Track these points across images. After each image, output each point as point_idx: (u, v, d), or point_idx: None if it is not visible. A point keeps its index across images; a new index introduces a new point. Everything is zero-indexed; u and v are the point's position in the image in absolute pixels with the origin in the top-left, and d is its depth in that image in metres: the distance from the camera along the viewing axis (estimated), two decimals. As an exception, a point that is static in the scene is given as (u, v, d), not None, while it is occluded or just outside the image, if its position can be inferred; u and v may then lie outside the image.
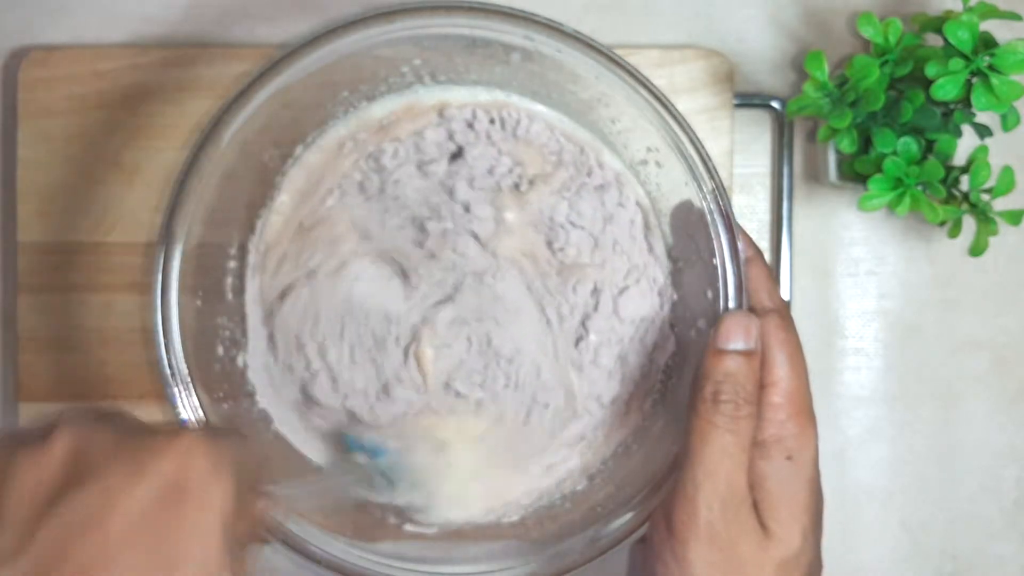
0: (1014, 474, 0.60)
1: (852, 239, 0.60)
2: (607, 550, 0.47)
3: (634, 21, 0.59)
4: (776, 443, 0.44)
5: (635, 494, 0.48)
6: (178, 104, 0.57)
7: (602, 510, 0.50)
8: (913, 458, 0.60)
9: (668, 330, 0.53)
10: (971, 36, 0.49)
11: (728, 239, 0.46)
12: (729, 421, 0.43)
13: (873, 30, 0.52)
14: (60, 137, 0.57)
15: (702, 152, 0.47)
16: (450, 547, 0.52)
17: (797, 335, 0.46)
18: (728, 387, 0.43)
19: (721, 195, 0.47)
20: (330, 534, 0.48)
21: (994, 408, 0.60)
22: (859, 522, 0.60)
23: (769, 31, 0.60)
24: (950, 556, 0.60)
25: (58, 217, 0.57)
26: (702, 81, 0.57)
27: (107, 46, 0.58)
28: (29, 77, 0.57)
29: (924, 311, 0.60)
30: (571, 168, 0.53)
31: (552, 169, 0.53)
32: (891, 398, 0.60)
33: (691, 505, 0.43)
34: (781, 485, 0.43)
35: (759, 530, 0.43)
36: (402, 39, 0.47)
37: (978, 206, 0.53)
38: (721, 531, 0.42)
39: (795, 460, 0.44)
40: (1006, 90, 0.49)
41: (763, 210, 0.59)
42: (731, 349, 0.44)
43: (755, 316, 0.45)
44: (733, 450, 0.43)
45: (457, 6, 0.46)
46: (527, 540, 0.51)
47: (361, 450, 0.52)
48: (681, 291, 0.53)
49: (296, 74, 0.47)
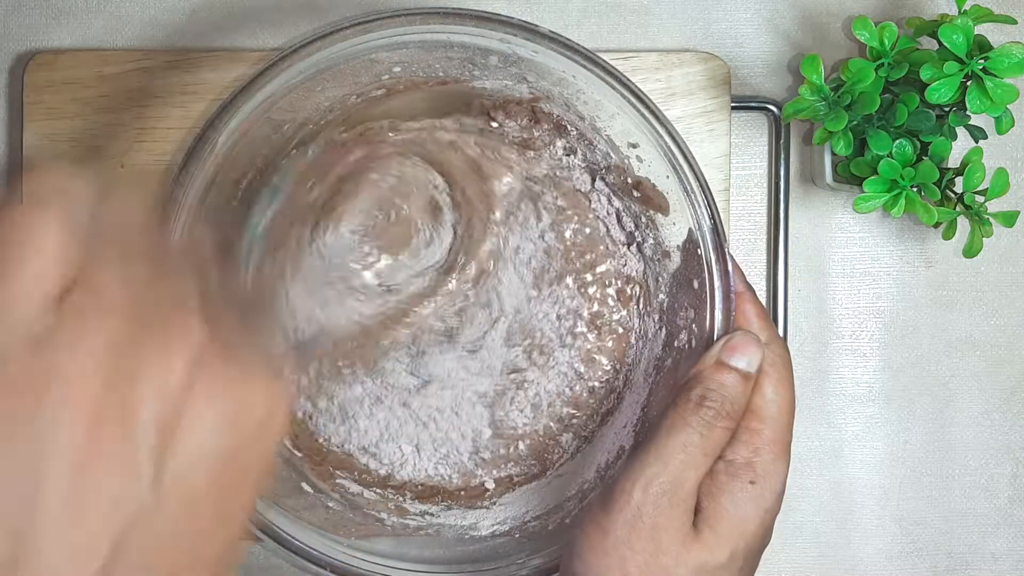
0: (1008, 471, 0.61)
1: (848, 240, 0.60)
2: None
3: (632, 25, 0.60)
4: (745, 465, 0.44)
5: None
6: (183, 107, 0.58)
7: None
8: (908, 456, 0.61)
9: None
10: (966, 39, 0.50)
11: (721, 273, 0.47)
12: (703, 425, 0.43)
13: (868, 34, 0.52)
14: (66, 139, 0.58)
15: (687, 154, 0.48)
16: (451, 546, 0.53)
17: (791, 372, 0.46)
18: (717, 396, 0.44)
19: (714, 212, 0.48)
20: (329, 536, 0.49)
21: (988, 407, 0.61)
22: (855, 519, 0.61)
23: (766, 35, 0.60)
24: (945, 552, 0.61)
25: (64, 219, 0.58)
26: (699, 84, 0.58)
27: (113, 50, 0.59)
28: (35, 80, 0.58)
29: (919, 311, 0.61)
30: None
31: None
32: (886, 397, 0.61)
33: (630, 482, 0.43)
34: (735, 505, 0.43)
35: (689, 530, 0.43)
36: (380, 47, 0.48)
37: (972, 208, 0.53)
38: (647, 514, 0.42)
39: (758, 486, 0.44)
40: (1000, 93, 0.50)
41: (760, 211, 0.60)
42: (733, 365, 0.45)
43: (763, 345, 0.46)
44: (694, 450, 0.43)
45: (433, 12, 0.47)
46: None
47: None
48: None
49: (279, 84, 0.47)
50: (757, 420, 0.45)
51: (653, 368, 0.54)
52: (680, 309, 0.52)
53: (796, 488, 0.59)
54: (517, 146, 0.55)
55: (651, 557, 0.42)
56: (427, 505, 0.55)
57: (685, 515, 0.43)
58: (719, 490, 0.43)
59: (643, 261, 0.56)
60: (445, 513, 0.55)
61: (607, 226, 0.56)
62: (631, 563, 0.42)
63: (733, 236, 0.59)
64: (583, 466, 0.55)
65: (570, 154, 0.56)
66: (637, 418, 0.54)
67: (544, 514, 0.54)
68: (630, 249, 0.56)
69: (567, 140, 0.55)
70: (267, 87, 0.47)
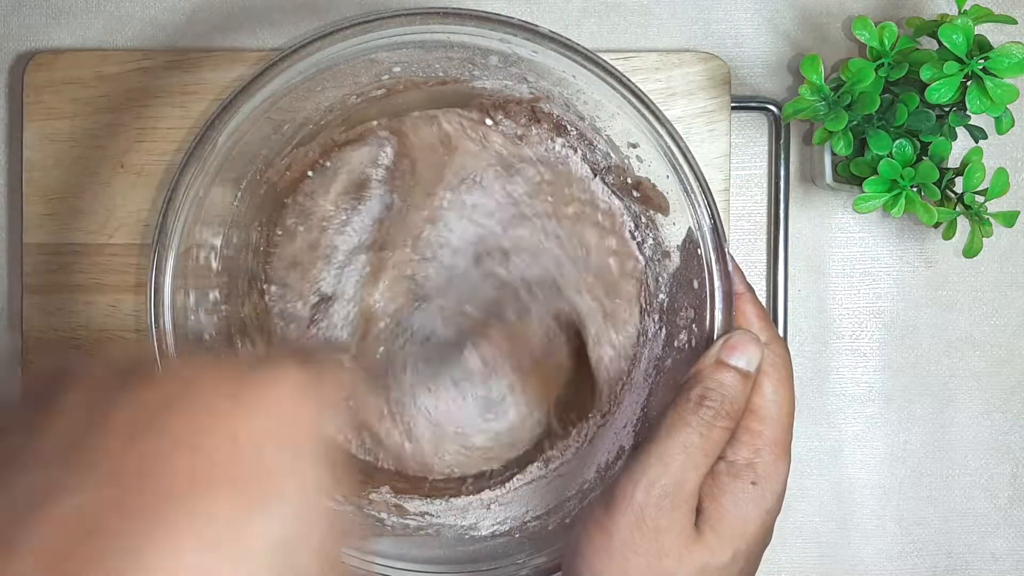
0: (1008, 471, 0.61)
1: (848, 240, 0.61)
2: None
3: (632, 26, 0.60)
4: (747, 466, 0.44)
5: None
6: (183, 107, 0.58)
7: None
8: (908, 456, 0.61)
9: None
10: (966, 39, 0.50)
11: (721, 273, 0.47)
12: (703, 425, 0.43)
13: (868, 34, 0.52)
14: (66, 139, 0.58)
15: (687, 154, 0.48)
16: (451, 546, 0.53)
17: (791, 373, 0.46)
18: (716, 395, 0.44)
19: (715, 212, 0.48)
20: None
21: (988, 406, 0.61)
22: (855, 519, 0.61)
23: (766, 35, 0.60)
24: (945, 552, 0.61)
25: (64, 219, 0.58)
26: (700, 85, 0.58)
27: (112, 50, 0.59)
28: (35, 80, 0.58)
29: (919, 311, 0.61)
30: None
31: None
32: (886, 397, 0.61)
33: (632, 484, 0.43)
34: (737, 506, 0.43)
35: (691, 531, 0.43)
36: (380, 47, 0.48)
37: (972, 208, 0.53)
38: (650, 516, 0.42)
39: (760, 487, 0.44)
40: (1000, 93, 0.50)
41: (760, 211, 0.60)
42: (732, 364, 0.45)
43: (762, 345, 0.46)
44: (694, 450, 0.43)
45: (432, 12, 0.47)
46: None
47: None
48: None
49: (279, 84, 0.47)
50: (757, 420, 0.45)
51: (653, 368, 0.54)
52: (680, 309, 0.52)
53: (796, 488, 0.59)
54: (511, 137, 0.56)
55: (654, 559, 0.42)
56: (427, 505, 0.55)
57: (687, 516, 0.43)
58: (720, 491, 0.43)
59: (643, 261, 0.56)
60: (445, 513, 0.55)
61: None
62: (634, 565, 0.42)
63: (733, 236, 0.59)
64: (583, 466, 0.55)
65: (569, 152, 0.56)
66: (637, 418, 0.54)
67: (544, 514, 0.54)
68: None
69: (567, 140, 0.55)
70: (267, 87, 0.47)
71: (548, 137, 0.55)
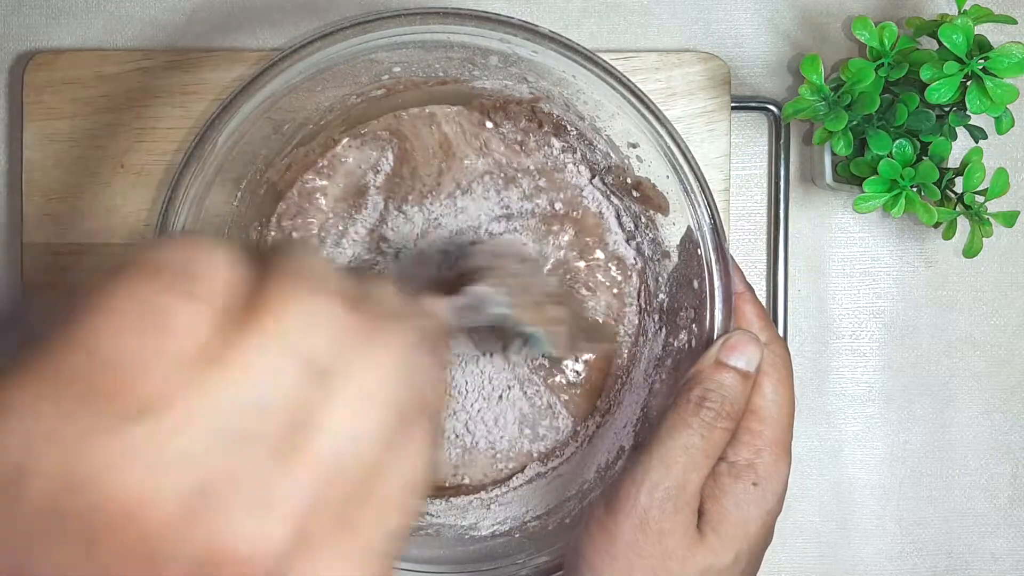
0: (1008, 471, 0.61)
1: (848, 240, 0.61)
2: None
3: (632, 25, 0.60)
4: (747, 467, 0.44)
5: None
6: (183, 107, 0.58)
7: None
8: (908, 456, 0.61)
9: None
10: (966, 39, 0.50)
11: (721, 273, 0.47)
12: (704, 426, 0.43)
13: (868, 34, 0.52)
14: (66, 139, 0.58)
15: (687, 154, 0.48)
16: (451, 546, 0.53)
17: (791, 373, 0.46)
18: (716, 396, 0.44)
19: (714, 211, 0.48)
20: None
21: (988, 406, 0.61)
22: (855, 519, 0.61)
23: (766, 35, 0.60)
24: (945, 552, 0.61)
25: (64, 219, 0.58)
26: (700, 85, 0.58)
27: (113, 50, 0.59)
28: (35, 80, 0.58)
29: (919, 311, 0.61)
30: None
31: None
32: (886, 397, 0.61)
33: (634, 487, 0.43)
34: (738, 507, 0.43)
35: (694, 533, 0.43)
36: (380, 47, 0.48)
37: (972, 208, 0.53)
38: (653, 519, 0.42)
39: (760, 488, 0.44)
40: (1000, 93, 0.50)
41: (760, 212, 0.60)
42: (732, 364, 0.45)
43: (762, 345, 0.46)
44: (695, 452, 0.43)
45: (432, 12, 0.47)
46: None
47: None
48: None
49: (279, 84, 0.47)
50: (758, 421, 0.45)
51: (653, 368, 0.54)
52: (680, 309, 0.52)
53: (796, 488, 0.59)
54: (512, 143, 0.56)
55: (659, 562, 0.42)
56: (427, 505, 0.55)
57: (689, 518, 0.43)
58: (722, 492, 0.44)
59: (642, 260, 0.56)
60: (445, 513, 0.55)
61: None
62: (638, 568, 0.42)
63: (733, 236, 0.59)
64: (583, 466, 0.55)
65: (569, 153, 0.56)
66: (637, 418, 0.54)
67: (544, 514, 0.54)
68: (629, 245, 0.56)
69: (567, 140, 0.55)
70: (267, 87, 0.47)
71: (546, 142, 0.55)
